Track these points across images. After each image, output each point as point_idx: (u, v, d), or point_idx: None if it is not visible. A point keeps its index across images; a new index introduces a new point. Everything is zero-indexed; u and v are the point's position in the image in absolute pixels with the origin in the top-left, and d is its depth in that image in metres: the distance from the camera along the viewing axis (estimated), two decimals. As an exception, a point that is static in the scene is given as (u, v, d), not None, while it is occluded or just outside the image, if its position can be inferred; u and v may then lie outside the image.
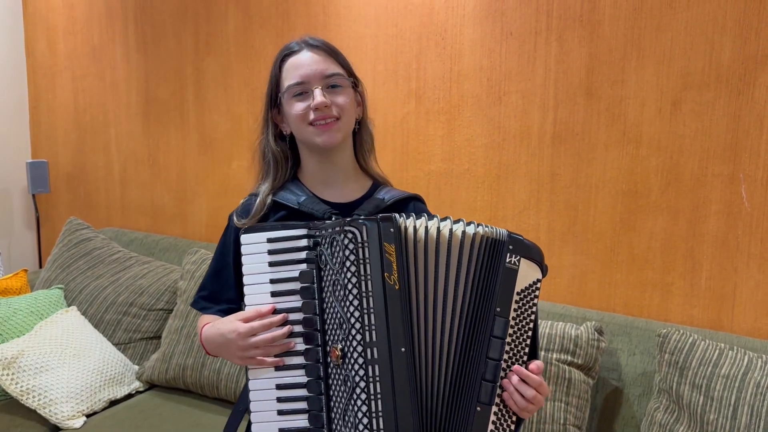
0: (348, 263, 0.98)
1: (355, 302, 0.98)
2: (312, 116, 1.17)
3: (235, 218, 1.25)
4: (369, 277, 0.98)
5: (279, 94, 1.21)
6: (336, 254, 1.00)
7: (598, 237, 1.92)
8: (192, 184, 2.84)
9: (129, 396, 2.17)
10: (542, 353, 1.69)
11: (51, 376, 2.01)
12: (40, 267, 3.45)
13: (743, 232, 1.71)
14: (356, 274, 0.98)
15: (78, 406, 1.99)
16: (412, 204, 1.30)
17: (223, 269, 1.27)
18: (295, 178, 1.28)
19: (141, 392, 2.21)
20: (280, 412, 1.04)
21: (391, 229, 1.00)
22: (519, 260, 1.03)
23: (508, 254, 1.03)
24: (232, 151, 2.69)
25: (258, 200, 1.22)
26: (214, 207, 2.78)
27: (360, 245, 0.98)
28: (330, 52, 1.21)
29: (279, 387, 1.05)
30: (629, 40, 1.81)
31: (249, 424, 1.15)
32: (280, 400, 1.04)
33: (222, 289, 1.27)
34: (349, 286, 0.98)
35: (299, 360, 1.04)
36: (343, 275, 0.99)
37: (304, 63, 1.18)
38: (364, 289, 0.98)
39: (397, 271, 0.99)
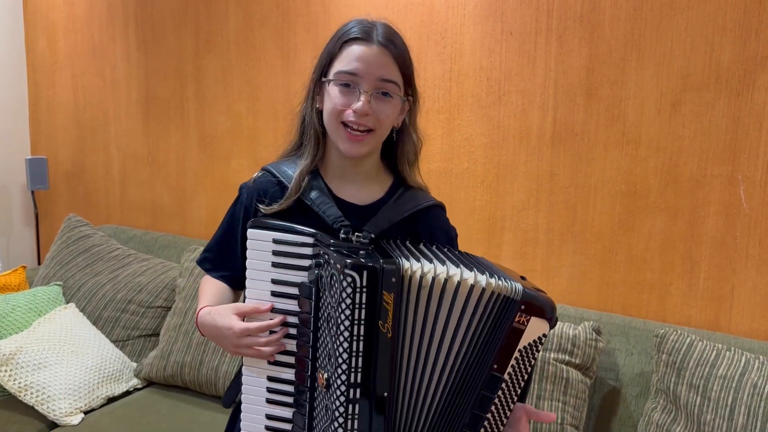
0: (344, 305, 0.96)
1: (345, 344, 0.97)
2: (349, 117, 1.10)
3: (260, 207, 1.17)
4: (362, 322, 0.97)
5: (326, 77, 1.14)
6: (334, 290, 0.98)
7: (596, 237, 1.92)
8: (191, 182, 2.84)
9: (127, 393, 2.17)
10: (539, 353, 1.69)
11: (49, 372, 2.01)
12: (39, 264, 3.45)
13: (741, 233, 1.72)
14: (350, 317, 0.96)
15: (76, 402, 1.99)
16: (431, 213, 1.23)
17: (230, 240, 1.25)
18: (316, 167, 1.20)
19: (139, 389, 2.21)
20: (269, 401, 1.08)
21: (393, 279, 0.97)
22: (529, 320, 0.98)
23: (518, 314, 0.98)
24: (231, 149, 2.69)
25: (295, 181, 1.15)
26: (214, 205, 2.79)
27: (358, 290, 0.96)
28: (397, 56, 1.13)
29: (270, 379, 1.08)
30: (629, 40, 1.81)
31: (237, 406, 1.18)
32: (270, 390, 1.08)
33: (226, 256, 1.25)
34: (342, 327, 0.97)
35: (291, 360, 1.07)
36: (337, 314, 0.97)
37: (364, 57, 1.10)
38: (355, 332, 0.97)
39: (392, 320, 0.98)
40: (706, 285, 1.77)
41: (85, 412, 2.01)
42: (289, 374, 1.07)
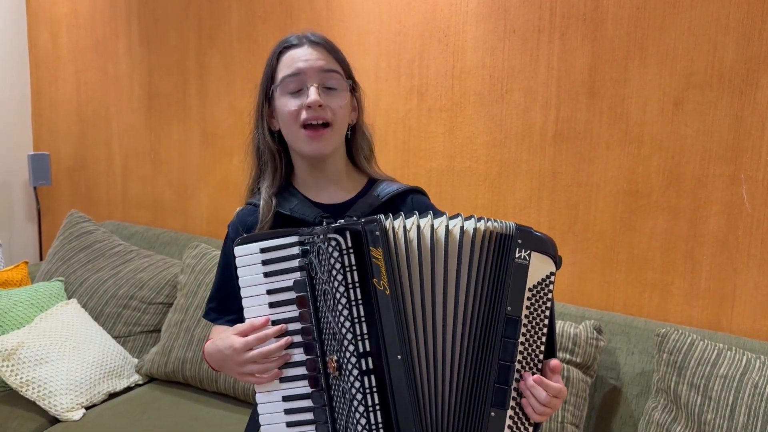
0: (334, 272, 0.95)
1: (345, 312, 0.94)
2: (304, 115, 1.12)
3: (232, 231, 1.21)
4: (357, 284, 0.95)
5: (272, 87, 1.18)
6: (323, 263, 0.96)
7: (598, 236, 1.92)
8: (193, 178, 2.84)
9: (128, 389, 2.17)
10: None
11: (50, 368, 2.01)
12: (41, 259, 3.46)
13: (743, 233, 1.71)
14: (343, 282, 0.95)
15: (77, 398, 1.99)
16: (411, 197, 1.25)
17: (227, 281, 1.23)
18: (290, 183, 1.24)
19: (140, 385, 2.21)
20: (289, 424, 1.01)
21: (376, 232, 0.96)
22: (529, 254, 0.98)
23: (517, 249, 0.97)
24: (233, 146, 2.69)
25: (262, 203, 1.18)
26: (215, 202, 2.79)
27: (345, 252, 0.95)
28: (330, 50, 1.18)
29: (285, 399, 1.01)
30: (632, 39, 1.81)
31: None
32: (287, 411, 1.01)
33: (228, 300, 1.23)
34: (338, 295, 0.95)
35: (302, 371, 1.01)
36: (331, 284, 0.95)
37: (302, 56, 1.15)
38: (352, 297, 0.95)
39: (386, 276, 0.95)
40: (707, 285, 1.77)
41: (87, 408, 2.02)
42: (303, 388, 1.01)
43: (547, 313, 0.99)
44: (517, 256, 0.98)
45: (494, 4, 2.00)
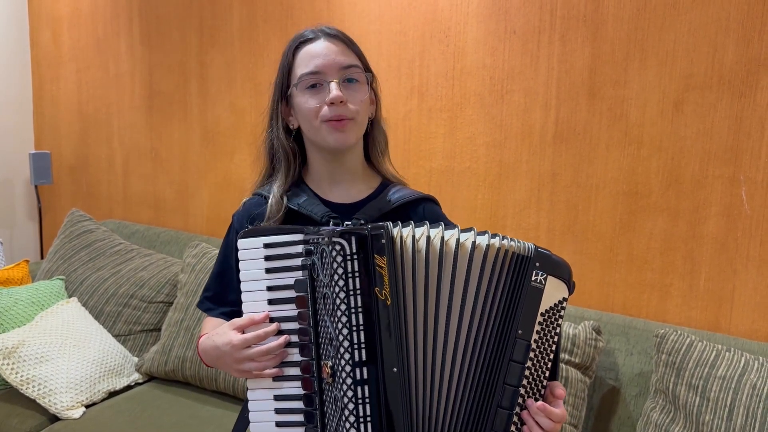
0: (336, 277, 0.92)
1: (344, 318, 0.92)
2: (326, 113, 1.09)
3: (237, 222, 1.19)
4: (358, 291, 0.92)
5: (291, 86, 1.13)
6: (326, 266, 0.94)
7: (597, 237, 1.92)
8: (194, 177, 2.84)
9: (128, 387, 2.18)
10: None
11: (51, 366, 2.02)
12: (42, 258, 3.46)
13: (743, 234, 1.72)
14: (344, 288, 0.92)
15: (77, 396, 2.00)
16: (423, 206, 1.21)
17: (226, 271, 1.21)
18: (300, 179, 1.20)
19: (140, 384, 2.22)
20: (278, 424, 0.99)
21: (383, 240, 0.93)
22: (546, 278, 0.94)
23: (534, 272, 0.94)
24: (234, 145, 2.69)
25: (272, 201, 1.14)
26: (216, 201, 2.79)
27: (348, 258, 0.92)
28: (348, 42, 1.14)
29: (277, 398, 1.00)
30: (632, 40, 1.81)
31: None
32: (278, 411, 0.99)
33: (225, 291, 1.21)
34: (338, 301, 0.92)
35: (296, 371, 0.99)
36: (331, 289, 0.93)
37: (320, 52, 1.10)
38: (352, 304, 0.92)
39: (389, 286, 0.92)
40: (706, 286, 1.78)
41: (87, 406, 2.02)
42: (296, 389, 0.98)
43: (556, 339, 0.96)
44: (533, 279, 0.94)
45: (495, 5, 2.01)
